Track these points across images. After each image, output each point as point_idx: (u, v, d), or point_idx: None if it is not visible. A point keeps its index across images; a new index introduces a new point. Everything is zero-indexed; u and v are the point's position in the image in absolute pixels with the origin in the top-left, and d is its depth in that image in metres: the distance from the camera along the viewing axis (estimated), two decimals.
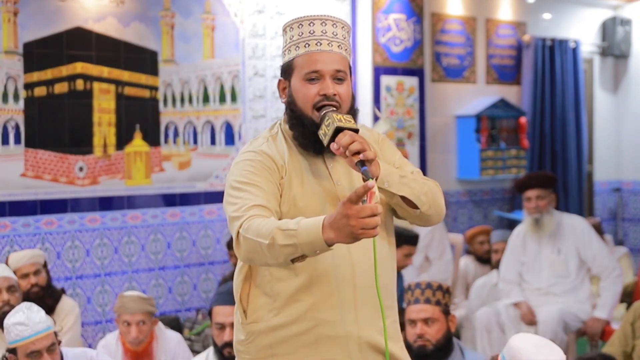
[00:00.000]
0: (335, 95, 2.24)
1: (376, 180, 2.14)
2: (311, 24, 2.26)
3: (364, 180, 2.12)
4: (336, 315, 2.25)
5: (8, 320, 3.32)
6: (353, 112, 2.29)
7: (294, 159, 2.29)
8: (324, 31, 2.26)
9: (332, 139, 2.14)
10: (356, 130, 2.15)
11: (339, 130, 2.14)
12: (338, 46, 2.27)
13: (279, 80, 2.35)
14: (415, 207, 2.27)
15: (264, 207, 2.14)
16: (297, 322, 2.25)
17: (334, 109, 2.22)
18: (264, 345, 2.29)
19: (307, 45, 2.26)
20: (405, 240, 5.18)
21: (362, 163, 2.09)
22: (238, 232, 2.10)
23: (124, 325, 4.10)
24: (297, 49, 2.27)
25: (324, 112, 2.21)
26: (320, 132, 2.19)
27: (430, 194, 2.29)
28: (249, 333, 2.32)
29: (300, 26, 2.27)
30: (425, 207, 2.27)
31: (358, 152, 2.09)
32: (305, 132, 2.26)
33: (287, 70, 2.31)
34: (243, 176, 2.22)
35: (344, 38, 2.30)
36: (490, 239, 6.08)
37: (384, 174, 2.20)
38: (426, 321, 3.45)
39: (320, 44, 2.25)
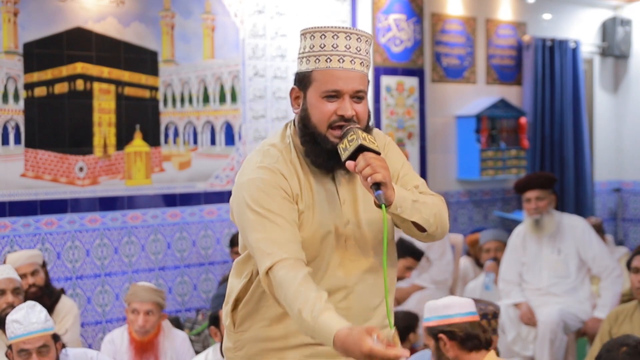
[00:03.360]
0: (353, 116, 2.16)
1: (389, 207, 2.07)
2: (335, 37, 2.15)
3: (376, 203, 2.07)
4: None
5: (10, 317, 3.38)
6: (368, 129, 2.21)
7: (306, 178, 2.22)
8: (347, 46, 2.15)
9: (352, 155, 2.08)
10: (378, 153, 2.09)
11: (360, 148, 2.07)
12: (360, 63, 2.17)
13: (293, 89, 2.24)
14: (423, 229, 2.23)
15: (288, 244, 2.10)
16: (287, 337, 2.23)
17: (358, 126, 2.15)
18: (253, 352, 2.28)
19: (328, 60, 2.15)
20: (411, 253, 5.17)
21: (377, 187, 2.02)
22: (267, 272, 2.07)
23: (132, 313, 4.19)
24: (317, 61, 2.16)
25: (348, 127, 2.13)
26: (341, 146, 2.11)
27: (438, 215, 2.25)
28: (238, 341, 2.32)
29: (323, 37, 2.16)
30: (432, 228, 2.23)
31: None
32: (318, 150, 2.18)
33: (303, 81, 2.20)
34: (263, 201, 2.13)
35: (367, 53, 2.19)
36: (480, 240, 6.09)
37: (399, 199, 2.10)
38: None
39: (343, 61, 2.14)
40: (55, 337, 3.42)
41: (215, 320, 3.83)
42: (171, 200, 5.50)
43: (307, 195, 2.20)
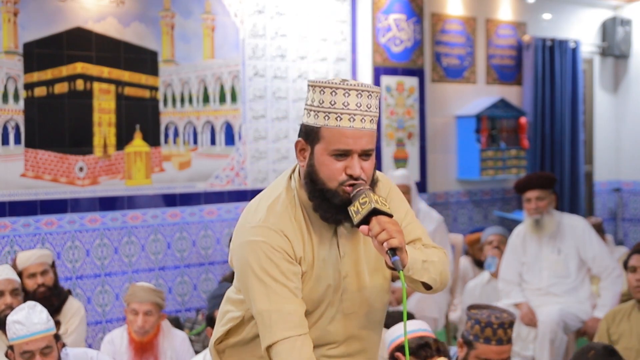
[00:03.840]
0: (360, 175, 2.12)
1: (403, 268, 2.05)
2: (346, 94, 2.10)
3: (387, 264, 2.04)
4: None
5: (10, 317, 3.36)
6: (373, 182, 2.19)
7: (309, 234, 2.19)
8: (358, 104, 2.10)
9: (365, 218, 2.05)
10: (390, 215, 2.06)
11: (373, 212, 2.04)
12: (370, 120, 2.13)
13: (298, 141, 2.19)
14: (429, 287, 2.24)
15: (291, 318, 2.12)
16: None
17: (369, 187, 2.12)
18: None
19: (339, 119, 2.10)
20: None
21: (394, 252, 2.00)
22: (267, 349, 2.11)
23: (131, 313, 4.20)
24: (326, 118, 2.11)
25: (359, 188, 2.09)
26: (352, 208, 2.08)
27: (444, 273, 2.25)
28: None
29: (333, 93, 2.10)
30: (437, 285, 2.24)
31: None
32: (326, 205, 2.14)
33: (310, 136, 2.15)
34: (268, 268, 2.13)
35: (376, 108, 2.15)
36: (482, 237, 6.11)
37: (411, 260, 2.10)
38: None
39: (354, 120, 2.10)
40: (57, 337, 3.41)
41: (212, 321, 3.83)
42: (171, 200, 5.50)
43: (309, 254, 2.18)
